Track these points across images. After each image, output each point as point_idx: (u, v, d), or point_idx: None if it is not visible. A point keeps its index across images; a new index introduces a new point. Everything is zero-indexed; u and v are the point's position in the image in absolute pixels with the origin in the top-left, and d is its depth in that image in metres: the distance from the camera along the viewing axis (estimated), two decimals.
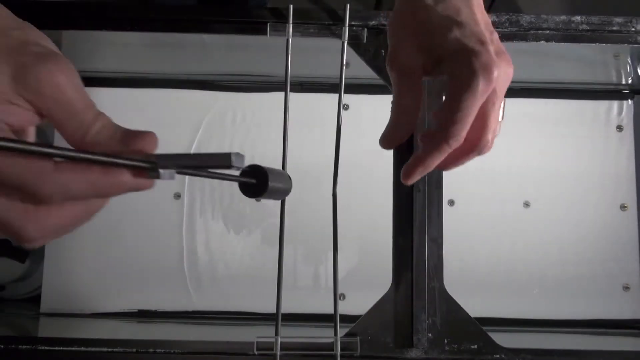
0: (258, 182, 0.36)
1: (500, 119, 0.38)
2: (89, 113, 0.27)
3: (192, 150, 0.71)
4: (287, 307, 0.68)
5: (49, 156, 0.24)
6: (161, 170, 0.27)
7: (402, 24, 0.38)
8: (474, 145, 0.37)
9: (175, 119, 0.72)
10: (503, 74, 0.34)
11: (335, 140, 0.53)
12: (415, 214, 0.53)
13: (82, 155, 0.24)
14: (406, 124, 0.38)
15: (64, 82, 0.25)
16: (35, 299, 0.70)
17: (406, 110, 0.38)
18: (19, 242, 0.26)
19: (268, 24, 0.55)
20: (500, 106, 0.36)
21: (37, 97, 0.25)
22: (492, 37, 0.36)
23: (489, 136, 0.37)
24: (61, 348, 0.50)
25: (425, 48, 0.36)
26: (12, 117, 0.25)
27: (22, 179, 0.24)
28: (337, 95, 0.53)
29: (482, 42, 0.34)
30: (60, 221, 0.26)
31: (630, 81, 0.71)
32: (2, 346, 0.50)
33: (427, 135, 0.37)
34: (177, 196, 0.71)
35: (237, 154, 0.28)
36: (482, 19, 0.36)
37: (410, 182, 0.39)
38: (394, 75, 0.38)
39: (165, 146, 0.28)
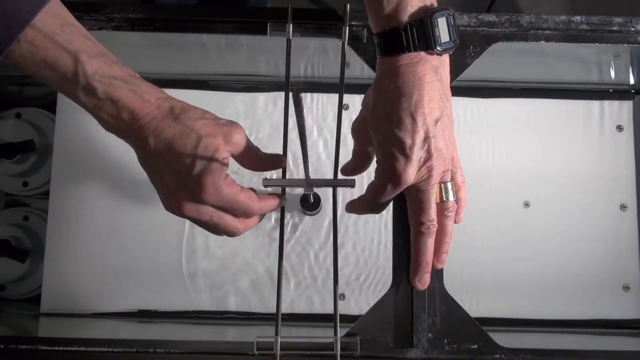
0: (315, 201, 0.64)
1: (452, 197, 0.47)
2: (254, 147, 0.46)
3: None
4: (287, 307, 0.68)
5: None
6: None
7: (366, 113, 0.46)
8: (417, 228, 0.47)
9: None
10: (426, 172, 0.43)
11: (335, 139, 0.53)
12: None
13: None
14: (361, 169, 0.50)
15: (244, 136, 0.44)
16: (35, 299, 0.70)
17: (361, 159, 0.49)
18: (231, 236, 0.46)
19: (268, 24, 0.55)
20: (431, 192, 0.45)
21: (233, 147, 0.43)
22: (426, 140, 0.42)
23: (422, 218, 0.46)
24: (61, 348, 0.50)
25: (372, 140, 0.46)
26: (227, 161, 0.43)
27: (249, 209, 0.44)
28: (337, 95, 0.53)
29: (404, 152, 0.42)
30: (254, 223, 0.47)
31: (630, 81, 0.71)
32: (2, 346, 0.50)
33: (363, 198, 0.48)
34: None
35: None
36: (426, 121, 0.42)
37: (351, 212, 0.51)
38: (353, 138, 0.49)
39: None
